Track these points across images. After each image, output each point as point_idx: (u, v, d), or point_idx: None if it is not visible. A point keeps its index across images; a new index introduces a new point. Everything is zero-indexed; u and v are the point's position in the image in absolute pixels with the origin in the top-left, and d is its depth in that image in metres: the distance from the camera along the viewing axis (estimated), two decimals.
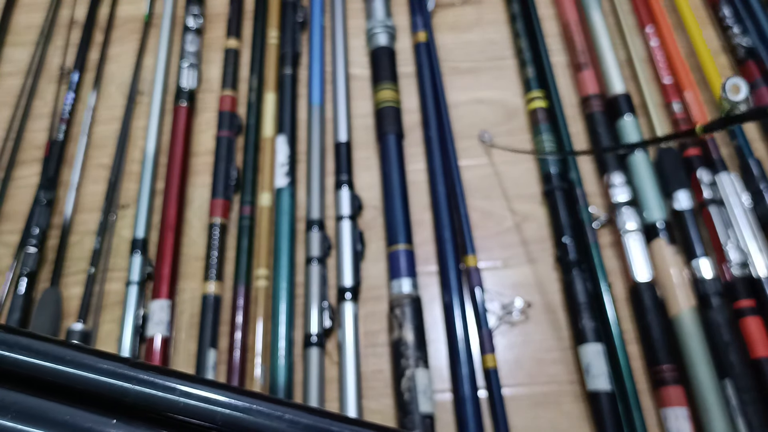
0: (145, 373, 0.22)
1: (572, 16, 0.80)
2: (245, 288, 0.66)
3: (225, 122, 0.76)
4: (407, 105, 0.78)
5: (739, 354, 0.57)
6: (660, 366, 0.58)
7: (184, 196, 0.73)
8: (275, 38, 0.82)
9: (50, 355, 0.22)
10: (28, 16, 0.89)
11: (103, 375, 0.22)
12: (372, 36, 0.81)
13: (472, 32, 0.84)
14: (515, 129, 0.77)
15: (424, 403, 0.58)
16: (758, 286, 0.60)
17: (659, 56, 0.77)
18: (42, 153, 0.76)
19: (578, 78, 0.77)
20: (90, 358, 0.22)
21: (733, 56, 0.77)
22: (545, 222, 0.70)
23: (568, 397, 0.61)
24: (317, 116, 0.76)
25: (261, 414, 0.21)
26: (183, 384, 0.22)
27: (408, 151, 0.75)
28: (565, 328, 0.64)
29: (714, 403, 0.56)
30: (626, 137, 0.70)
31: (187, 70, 0.80)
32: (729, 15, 0.78)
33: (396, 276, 0.65)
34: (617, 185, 0.68)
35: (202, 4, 0.86)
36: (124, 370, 0.22)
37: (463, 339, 0.61)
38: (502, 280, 0.68)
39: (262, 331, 0.64)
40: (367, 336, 0.65)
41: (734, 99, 0.44)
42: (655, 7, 0.79)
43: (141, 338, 0.64)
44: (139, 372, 0.22)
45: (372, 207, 0.72)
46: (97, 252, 0.69)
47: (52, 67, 0.84)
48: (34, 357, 0.23)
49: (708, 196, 0.65)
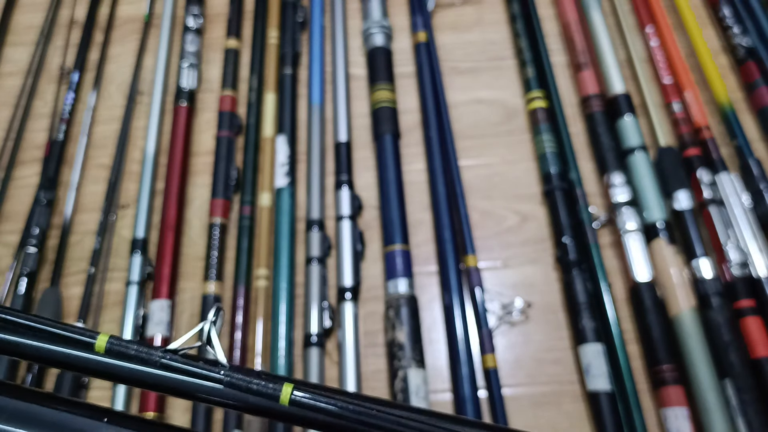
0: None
1: (572, 16, 0.80)
2: (245, 288, 0.66)
3: (225, 122, 0.76)
4: (407, 105, 0.78)
5: (739, 354, 0.57)
6: (660, 366, 0.58)
7: (184, 196, 0.73)
8: (275, 38, 0.82)
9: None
10: (28, 16, 0.89)
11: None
12: (368, 36, 0.80)
13: (472, 32, 0.84)
14: (515, 129, 0.77)
15: (417, 403, 0.58)
16: (758, 286, 0.60)
17: (659, 56, 0.77)
18: (42, 153, 0.76)
19: (578, 78, 0.76)
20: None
21: (733, 56, 0.77)
22: (545, 222, 0.70)
23: (568, 397, 0.61)
24: (317, 116, 0.76)
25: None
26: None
27: (408, 151, 0.75)
28: (565, 328, 0.64)
29: (714, 403, 0.56)
30: (626, 137, 0.70)
31: (187, 70, 0.80)
32: (729, 15, 0.78)
33: (392, 276, 0.65)
34: (617, 185, 0.68)
35: (202, 4, 0.86)
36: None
37: (463, 339, 0.61)
38: (502, 280, 0.68)
39: (262, 331, 0.64)
40: (366, 336, 0.65)
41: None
42: (655, 7, 0.79)
43: (141, 338, 0.64)
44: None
45: (372, 207, 0.72)
46: (97, 252, 0.69)
47: (52, 67, 0.84)
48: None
49: (708, 196, 0.65)
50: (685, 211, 0.65)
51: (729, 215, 0.64)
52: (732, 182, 0.66)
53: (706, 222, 0.65)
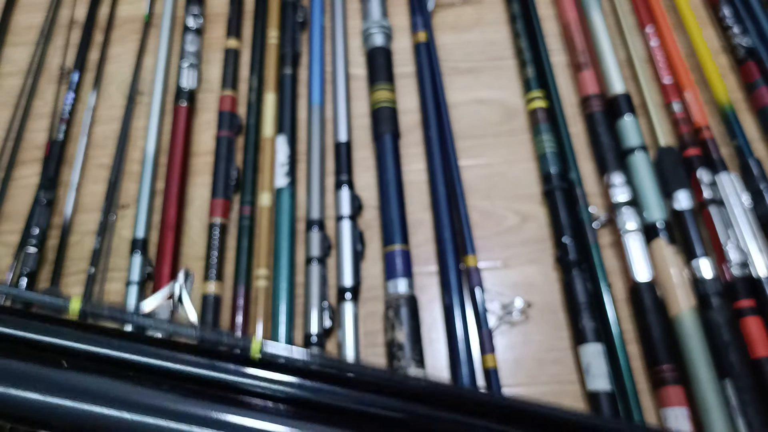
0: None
1: (572, 16, 0.80)
2: (245, 288, 0.66)
3: (225, 122, 0.76)
4: (407, 105, 0.78)
5: (739, 354, 0.57)
6: (660, 366, 0.58)
7: (184, 196, 0.73)
8: (275, 38, 0.82)
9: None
10: (28, 16, 0.89)
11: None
12: (368, 36, 0.80)
13: (472, 32, 0.84)
14: (515, 129, 0.77)
15: None
16: (758, 286, 0.60)
17: (659, 56, 0.77)
18: (42, 153, 0.76)
19: (578, 78, 0.76)
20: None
21: (733, 56, 0.77)
22: (545, 222, 0.70)
23: (568, 397, 0.61)
24: (317, 116, 0.76)
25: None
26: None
27: (408, 151, 0.75)
28: (565, 328, 0.64)
29: (714, 403, 0.56)
30: (626, 137, 0.70)
31: (187, 70, 0.80)
32: (729, 15, 0.78)
33: (392, 276, 0.65)
34: (617, 185, 0.68)
35: (202, 4, 0.86)
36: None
37: (463, 339, 0.61)
38: (502, 280, 0.68)
39: (262, 331, 0.64)
40: (367, 336, 0.65)
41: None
42: (655, 7, 0.79)
43: None
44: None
45: (372, 207, 0.72)
46: (97, 252, 0.69)
47: (52, 67, 0.84)
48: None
49: (708, 196, 0.65)
50: (685, 211, 0.65)
51: (729, 215, 0.64)
52: (732, 182, 0.66)
53: (706, 222, 0.65)
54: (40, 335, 0.28)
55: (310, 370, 0.27)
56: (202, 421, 0.25)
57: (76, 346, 0.27)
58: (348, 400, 0.27)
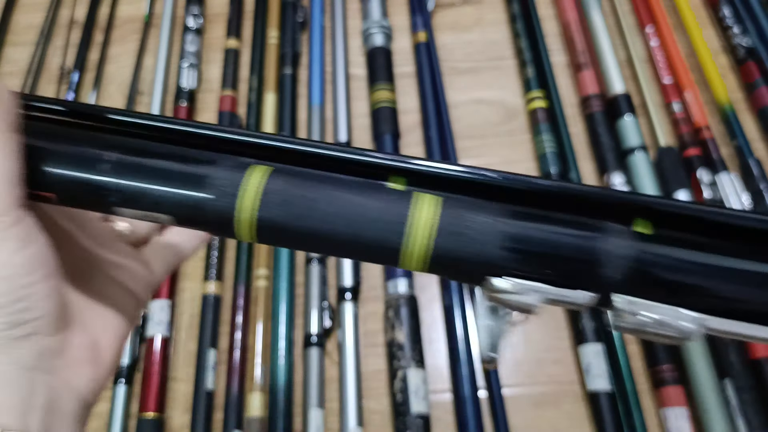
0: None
1: (572, 16, 0.80)
2: (245, 288, 0.66)
3: (225, 122, 0.76)
4: (407, 105, 0.78)
5: (739, 354, 0.57)
6: (660, 366, 0.58)
7: None
8: (275, 38, 0.82)
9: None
10: (28, 16, 0.89)
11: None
12: (368, 36, 0.80)
13: (472, 32, 0.84)
14: (515, 129, 0.77)
15: (417, 403, 0.58)
16: None
17: (659, 56, 0.77)
18: None
19: (578, 78, 0.77)
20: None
21: (733, 56, 0.77)
22: None
23: (568, 397, 0.61)
24: (317, 116, 0.76)
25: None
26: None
27: (408, 151, 0.75)
28: (565, 328, 0.64)
29: (714, 403, 0.56)
30: (626, 137, 0.70)
31: (187, 70, 0.80)
32: (729, 15, 0.78)
33: (392, 276, 0.65)
34: (617, 185, 0.68)
35: (202, 4, 0.86)
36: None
37: (463, 339, 0.61)
38: None
39: (262, 331, 0.64)
40: (366, 336, 0.65)
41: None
42: (655, 7, 0.79)
43: (141, 338, 0.64)
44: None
45: None
46: None
47: (52, 67, 0.84)
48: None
49: (708, 196, 0.65)
50: None
51: None
52: (732, 182, 0.66)
53: None
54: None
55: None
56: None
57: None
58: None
